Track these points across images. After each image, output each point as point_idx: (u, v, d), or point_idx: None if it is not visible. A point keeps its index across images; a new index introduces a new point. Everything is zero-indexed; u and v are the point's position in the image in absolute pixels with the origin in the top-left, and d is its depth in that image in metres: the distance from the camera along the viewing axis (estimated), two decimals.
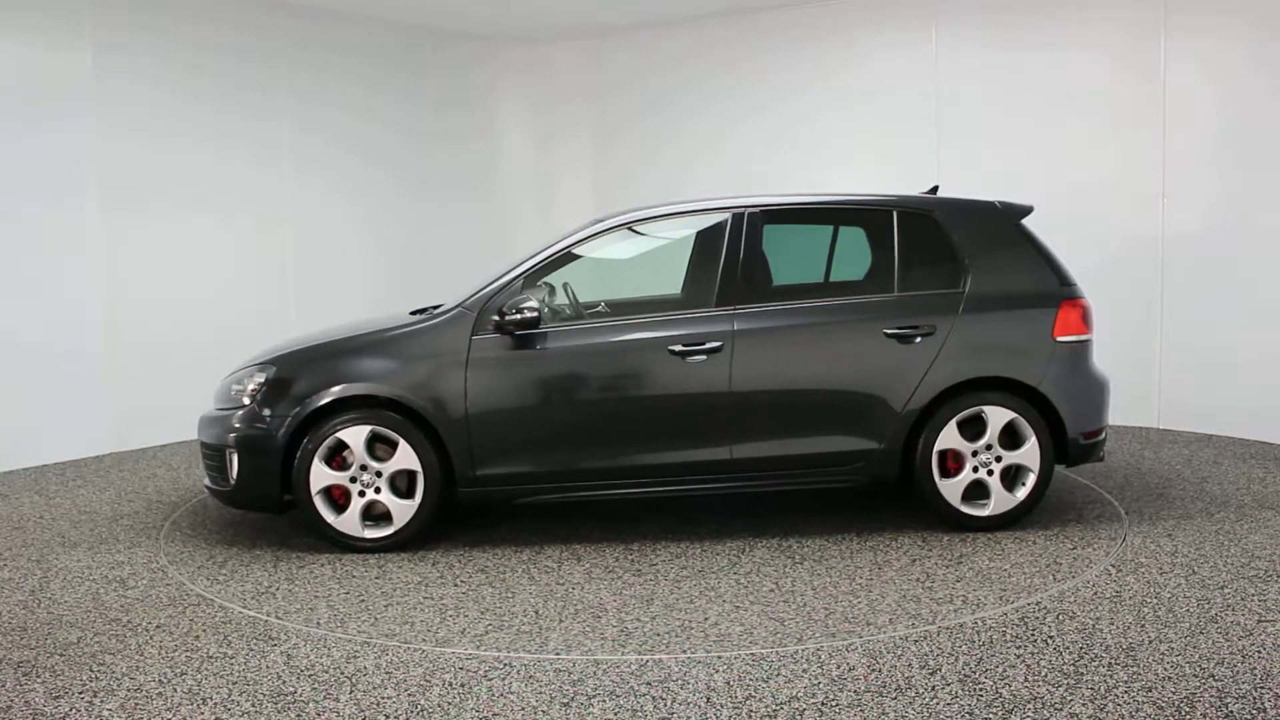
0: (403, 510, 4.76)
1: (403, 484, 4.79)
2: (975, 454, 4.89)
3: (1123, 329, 7.28)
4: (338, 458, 4.74)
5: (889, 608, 3.98)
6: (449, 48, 9.16)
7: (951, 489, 4.88)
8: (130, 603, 4.19)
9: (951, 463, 4.92)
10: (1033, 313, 4.97)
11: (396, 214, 8.84)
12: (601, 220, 5.12)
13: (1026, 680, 3.32)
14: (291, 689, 3.36)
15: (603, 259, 5.28)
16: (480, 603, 4.15)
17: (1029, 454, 4.89)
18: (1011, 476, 4.95)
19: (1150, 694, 3.20)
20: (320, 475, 4.72)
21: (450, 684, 3.38)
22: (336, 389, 4.73)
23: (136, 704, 3.27)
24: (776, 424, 4.86)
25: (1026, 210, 5.18)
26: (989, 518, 4.90)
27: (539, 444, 4.80)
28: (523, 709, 3.20)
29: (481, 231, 9.14)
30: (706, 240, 5.23)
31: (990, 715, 3.09)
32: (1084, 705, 3.13)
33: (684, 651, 3.60)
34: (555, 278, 5.23)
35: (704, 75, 8.81)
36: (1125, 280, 7.27)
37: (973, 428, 4.90)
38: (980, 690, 3.25)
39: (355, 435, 4.70)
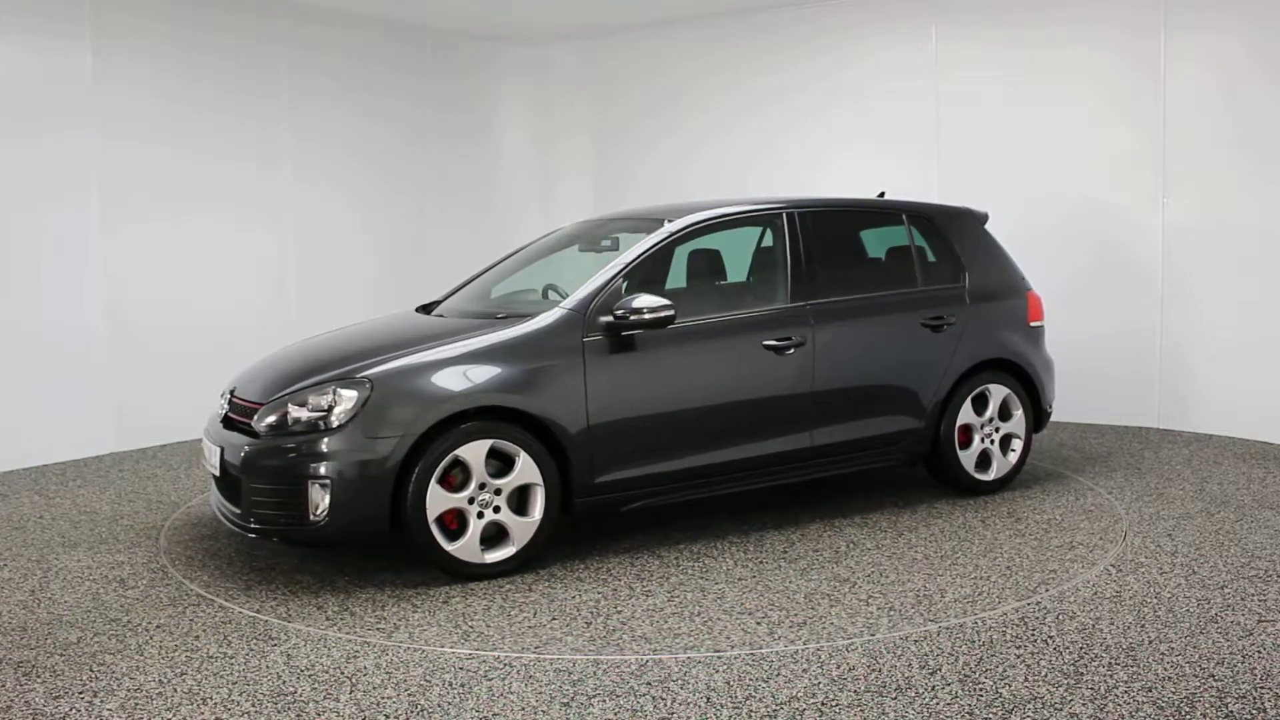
0: (524, 529, 4.41)
1: (513, 501, 4.42)
2: (982, 427, 5.58)
3: (1123, 328, 7.29)
4: (449, 478, 4.31)
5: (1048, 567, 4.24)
6: (449, 48, 9.15)
7: (967, 459, 5.54)
8: (130, 603, 4.19)
9: (961, 436, 5.51)
10: (1012, 303, 5.76)
11: (396, 215, 8.84)
12: (676, 219, 5.08)
13: (1026, 680, 3.32)
14: (291, 689, 3.36)
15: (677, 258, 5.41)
16: (708, 605, 4.05)
17: (1017, 424, 5.70)
18: (1001, 444, 5.68)
19: (1150, 694, 3.20)
20: (438, 499, 4.25)
21: (450, 684, 3.38)
22: (455, 402, 4.29)
23: (136, 704, 3.27)
24: (848, 409, 5.21)
25: (987, 216, 6.00)
26: (993, 481, 5.61)
27: (655, 446, 4.70)
28: (523, 709, 3.20)
29: (481, 232, 9.13)
30: (766, 238, 5.41)
31: (990, 715, 3.09)
32: (1084, 705, 3.13)
33: (987, 611, 3.65)
34: (539, 280, 5.40)
35: (704, 75, 8.81)
36: (1125, 279, 7.27)
37: (974, 404, 5.57)
38: (980, 690, 3.25)
39: (475, 452, 4.29)
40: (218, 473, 4.49)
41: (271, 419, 4.34)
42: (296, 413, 4.29)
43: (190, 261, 7.47)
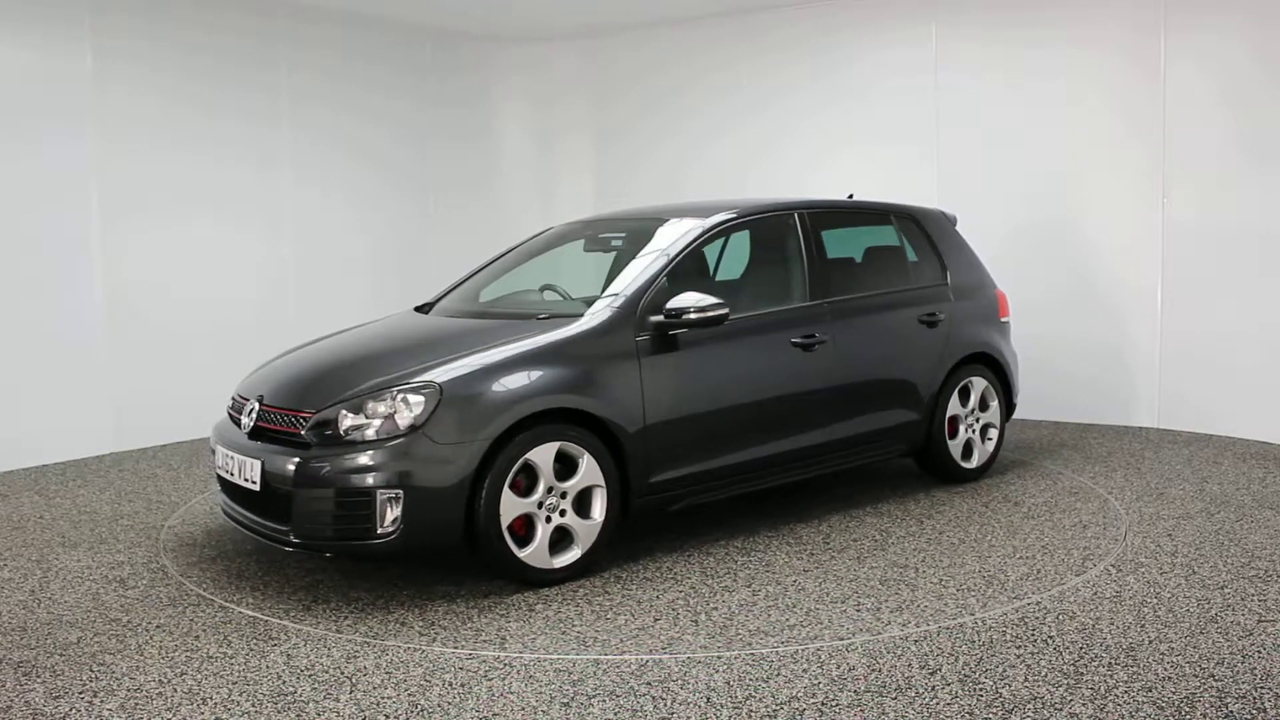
0: (588, 531, 4.32)
1: (575, 503, 4.32)
2: (966, 418, 5.87)
3: (1123, 328, 7.29)
4: (515, 483, 4.16)
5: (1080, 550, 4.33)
6: (449, 48, 9.16)
7: (955, 448, 5.81)
8: (130, 603, 4.19)
9: (949, 426, 5.78)
10: (986, 300, 6.04)
11: (396, 214, 8.84)
12: (707, 218, 5.10)
13: (1026, 680, 3.32)
14: (291, 689, 3.36)
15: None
16: (796, 596, 4.10)
17: (993, 414, 6.04)
18: (980, 434, 5.99)
19: (1150, 694, 3.20)
20: (511, 505, 4.11)
21: (450, 684, 3.38)
22: (529, 404, 4.15)
23: (136, 704, 3.27)
24: (861, 404, 5.36)
25: (956, 218, 6.30)
26: (975, 469, 5.92)
27: (704, 444, 4.71)
28: (523, 709, 3.20)
29: (481, 231, 9.12)
30: (779, 238, 5.45)
31: (990, 715, 3.09)
32: (1084, 705, 3.13)
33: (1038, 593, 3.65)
34: (534, 280, 5.44)
35: (704, 75, 8.81)
36: (1125, 279, 7.27)
37: (959, 396, 5.85)
38: (980, 690, 3.25)
39: (544, 455, 4.18)
40: (257, 486, 4.17)
41: (325, 428, 4.07)
42: (353, 420, 4.04)
43: (190, 262, 7.46)
